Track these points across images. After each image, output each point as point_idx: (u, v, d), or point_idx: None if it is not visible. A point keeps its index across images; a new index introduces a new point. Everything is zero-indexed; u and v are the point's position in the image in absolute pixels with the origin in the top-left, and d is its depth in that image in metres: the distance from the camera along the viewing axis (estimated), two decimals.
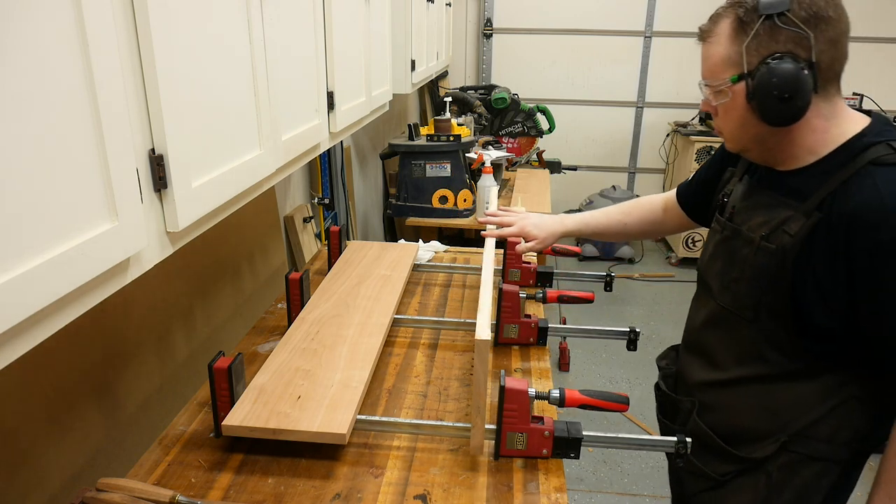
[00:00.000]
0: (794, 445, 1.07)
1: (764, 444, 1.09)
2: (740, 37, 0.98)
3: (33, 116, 0.60)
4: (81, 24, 0.64)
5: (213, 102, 0.95)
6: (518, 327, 1.53)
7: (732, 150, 1.12)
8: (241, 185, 1.05)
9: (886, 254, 0.92)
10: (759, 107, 0.97)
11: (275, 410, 1.17)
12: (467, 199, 2.94)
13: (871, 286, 0.95)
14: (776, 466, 1.08)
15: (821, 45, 0.94)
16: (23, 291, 0.59)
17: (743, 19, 0.97)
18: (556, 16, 5.12)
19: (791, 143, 1.02)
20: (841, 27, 0.96)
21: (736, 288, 1.11)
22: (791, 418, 1.07)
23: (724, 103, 1.03)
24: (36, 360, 1.08)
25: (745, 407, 1.12)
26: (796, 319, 1.03)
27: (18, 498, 1.04)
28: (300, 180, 2.54)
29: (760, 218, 1.07)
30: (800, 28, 0.93)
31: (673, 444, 1.14)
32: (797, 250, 0.99)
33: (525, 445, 1.14)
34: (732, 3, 1.01)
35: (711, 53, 1.03)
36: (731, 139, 1.09)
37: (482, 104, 4.05)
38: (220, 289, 1.79)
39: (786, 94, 0.93)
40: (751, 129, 1.02)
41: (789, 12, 0.93)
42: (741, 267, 1.09)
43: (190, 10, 0.85)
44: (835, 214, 0.96)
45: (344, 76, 1.62)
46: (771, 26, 0.94)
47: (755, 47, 0.96)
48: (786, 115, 0.96)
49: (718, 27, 1.02)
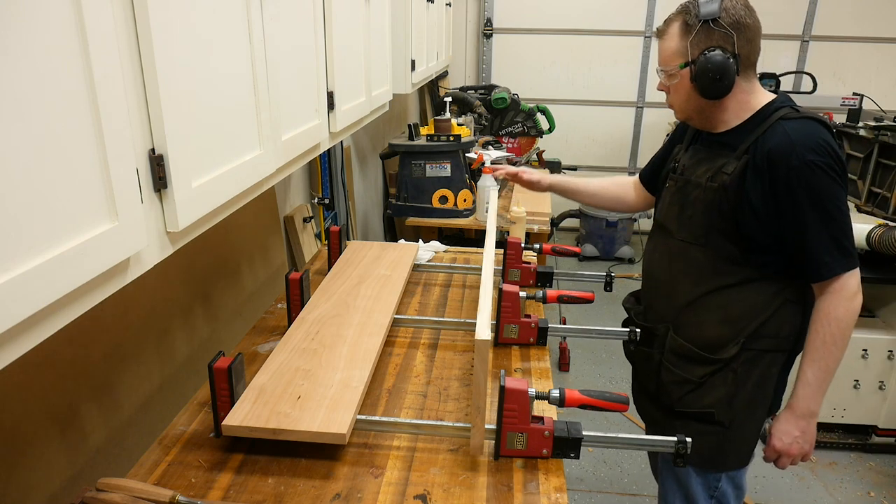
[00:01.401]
0: (751, 344, 1.37)
1: (728, 348, 1.38)
2: (686, 35, 1.33)
3: (33, 116, 0.60)
4: (81, 23, 0.64)
5: (214, 102, 0.95)
6: (518, 327, 1.53)
7: (681, 118, 1.47)
8: (241, 185, 1.05)
9: (797, 175, 1.26)
10: (699, 85, 1.33)
11: (275, 410, 1.17)
12: (467, 199, 2.94)
13: (789, 203, 1.28)
14: (739, 363, 1.39)
15: (741, 42, 1.30)
16: (23, 291, 0.59)
17: (688, 23, 1.33)
18: (556, 16, 5.12)
19: (723, 111, 1.38)
20: (755, 29, 1.32)
21: (690, 223, 1.43)
22: (746, 323, 1.37)
23: (674, 84, 1.39)
24: (36, 360, 1.08)
25: (710, 320, 1.40)
26: (740, 238, 1.34)
27: (18, 498, 1.04)
28: (300, 180, 2.54)
29: (704, 167, 1.40)
30: (726, 30, 1.29)
31: (673, 444, 1.15)
32: (734, 185, 1.32)
33: (525, 445, 1.14)
34: (680, 10, 1.36)
35: (666, 47, 1.38)
36: (680, 110, 1.44)
37: (482, 104, 4.05)
38: (220, 289, 1.79)
39: (717, 75, 1.29)
40: (693, 101, 1.38)
41: (720, 19, 1.29)
42: (693, 205, 1.41)
43: (190, 11, 0.85)
44: (758, 156, 1.30)
45: (344, 76, 1.62)
46: (707, 28, 1.30)
47: (696, 43, 1.32)
48: (718, 91, 1.32)
49: (671, 28, 1.37)
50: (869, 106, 4.49)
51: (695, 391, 1.42)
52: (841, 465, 2.77)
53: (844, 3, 4.93)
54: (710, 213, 1.37)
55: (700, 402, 1.41)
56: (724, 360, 1.38)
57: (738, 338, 1.37)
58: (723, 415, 1.39)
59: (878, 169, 2.79)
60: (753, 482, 2.66)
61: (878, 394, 2.75)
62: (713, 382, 1.40)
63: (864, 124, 2.93)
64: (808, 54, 5.08)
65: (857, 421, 2.82)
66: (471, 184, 2.96)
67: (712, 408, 1.40)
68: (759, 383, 1.39)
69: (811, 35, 5.03)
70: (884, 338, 2.70)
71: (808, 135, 1.27)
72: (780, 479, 2.69)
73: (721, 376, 1.39)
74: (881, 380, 2.73)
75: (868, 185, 2.83)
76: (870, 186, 2.83)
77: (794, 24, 5.02)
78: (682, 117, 1.46)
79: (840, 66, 5.07)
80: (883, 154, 2.76)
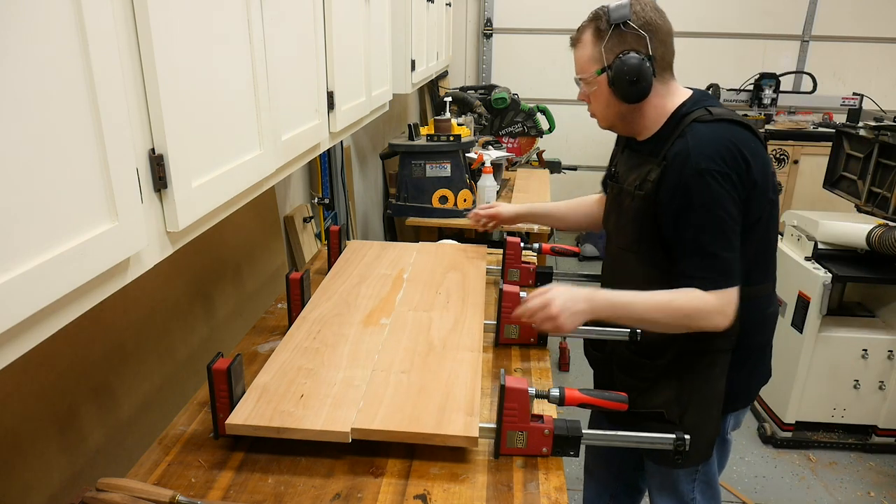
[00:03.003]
0: (687, 345, 1.38)
1: (666, 353, 1.41)
2: (599, 41, 1.34)
3: (33, 116, 0.60)
4: (81, 23, 0.64)
5: (214, 102, 0.95)
6: (519, 328, 1.53)
7: (604, 127, 1.47)
8: (241, 185, 1.05)
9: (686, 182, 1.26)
10: (617, 89, 1.33)
11: (278, 409, 1.17)
12: (467, 199, 2.94)
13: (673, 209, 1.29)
14: (681, 366, 1.41)
15: (654, 43, 1.30)
16: (23, 291, 0.59)
17: (600, 28, 1.33)
18: (556, 16, 5.12)
19: (643, 117, 1.38)
20: (667, 31, 1.34)
21: (624, 230, 1.45)
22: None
23: (593, 91, 1.39)
24: (36, 360, 1.08)
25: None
26: (665, 245, 1.34)
27: (18, 498, 1.05)
28: (300, 180, 2.54)
29: (634, 175, 1.41)
30: (638, 32, 1.29)
31: (671, 442, 1.16)
32: (654, 192, 1.33)
33: (525, 444, 1.15)
34: (591, 18, 1.37)
35: (581, 55, 1.39)
36: (602, 118, 1.44)
37: (482, 104, 4.04)
38: (220, 289, 1.79)
39: (634, 77, 1.29)
40: (613, 107, 1.38)
41: (630, 22, 1.29)
42: (626, 213, 1.43)
43: (190, 11, 0.86)
44: (668, 162, 1.30)
45: (344, 76, 1.62)
46: (619, 32, 1.31)
47: (610, 47, 1.32)
48: (636, 94, 1.32)
49: (584, 36, 1.38)
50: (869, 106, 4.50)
51: (644, 393, 1.44)
52: (841, 465, 2.77)
53: (844, 3, 4.93)
54: (639, 221, 1.38)
55: (650, 402, 1.43)
56: (664, 364, 1.41)
57: (674, 342, 1.38)
58: (672, 414, 1.41)
59: (878, 169, 2.79)
60: (753, 482, 2.66)
61: (878, 394, 2.75)
62: (659, 385, 1.43)
63: (864, 124, 2.93)
64: (808, 54, 5.08)
65: (857, 421, 2.82)
66: (471, 184, 2.96)
67: (661, 408, 1.42)
68: (704, 382, 1.41)
69: (811, 35, 5.03)
70: (884, 338, 2.70)
71: (711, 140, 1.26)
72: (780, 479, 2.69)
73: (665, 378, 1.42)
74: (881, 380, 2.73)
75: (868, 185, 2.83)
76: (870, 186, 2.82)
77: (794, 24, 5.02)
78: (605, 125, 1.46)
79: (840, 66, 5.07)
80: (883, 154, 2.76)
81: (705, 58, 5.07)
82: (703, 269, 1.28)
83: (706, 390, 1.42)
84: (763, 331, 1.47)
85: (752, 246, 1.33)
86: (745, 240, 1.30)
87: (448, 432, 1.12)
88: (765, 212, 1.32)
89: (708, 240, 1.26)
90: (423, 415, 1.16)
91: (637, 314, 1.32)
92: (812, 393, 2.79)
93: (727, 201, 1.25)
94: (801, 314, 2.72)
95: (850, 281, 2.75)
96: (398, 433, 1.13)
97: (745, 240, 1.30)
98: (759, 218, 1.32)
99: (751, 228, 1.31)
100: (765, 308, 1.45)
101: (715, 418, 1.44)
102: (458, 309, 1.60)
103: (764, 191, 1.30)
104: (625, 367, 1.49)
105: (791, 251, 2.86)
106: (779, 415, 2.88)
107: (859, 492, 2.61)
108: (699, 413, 1.42)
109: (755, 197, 1.28)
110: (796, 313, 2.74)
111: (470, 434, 1.12)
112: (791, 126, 4.59)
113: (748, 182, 1.26)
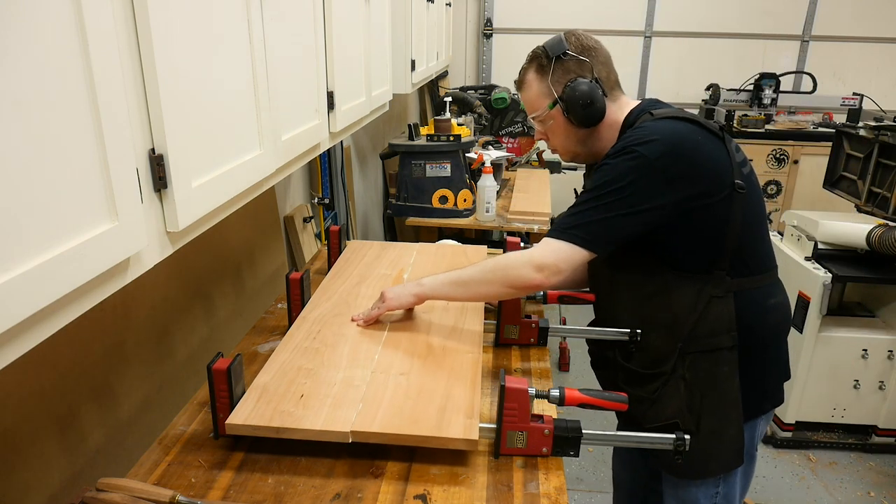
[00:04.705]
0: (689, 347, 1.34)
1: (669, 358, 1.36)
2: (544, 76, 1.38)
3: (33, 116, 0.60)
4: (81, 23, 0.64)
5: (214, 102, 0.95)
6: (518, 328, 1.53)
7: (567, 160, 1.50)
8: (241, 185, 1.05)
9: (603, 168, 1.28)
10: (573, 116, 1.36)
11: (278, 409, 1.17)
12: (467, 199, 2.94)
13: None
14: (686, 370, 1.35)
15: (597, 65, 1.36)
16: (23, 291, 0.59)
17: (542, 65, 1.38)
18: (556, 16, 5.12)
19: (601, 139, 1.41)
20: (604, 52, 1.39)
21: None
22: (679, 329, 1.34)
23: (549, 126, 1.42)
24: (36, 360, 1.08)
25: (647, 333, 1.39)
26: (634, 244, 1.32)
27: (18, 498, 1.05)
28: (300, 180, 2.54)
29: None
30: (578, 58, 1.35)
31: (671, 441, 1.16)
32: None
33: (525, 444, 1.15)
34: (530, 59, 1.42)
35: (529, 95, 1.43)
36: (564, 150, 1.47)
37: (482, 104, 4.05)
38: (220, 289, 1.79)
39: (588, 101, 1.33)
40: (572, 136, 1.41)
41: (568, 51, 1.35)
42: None
43: (190, 11, 0.86)
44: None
45: (344, 76, 1.62)
46: (561, 63, 1.36)
47: (557, 79, 1.37)
48: (593, 116, 1.35)
49: (528, 76, 1.42)
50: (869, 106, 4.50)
51: (653, 406, 1.38)
52: (841, 465, 2.77)
53: (844, 3, 4.93)
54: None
55: (662, 415, 1.37)
56: (667, 372, 1.36)
57: (675, 345, 1.35)
58: (687, 423, 1.35)
59: (878, 169, 2.80)
60: (754, 482, 2.65)
61: (878, 394, 2.75)
62: (668, 394, 1.37)
63: (864, 124, 2.93)
64: (808, 54, 5.08)
65: (857, 421, 2.83)
66: (471, 184, 2.96)
67: (675, 418, 1.36)
68: (713, 384, 1.35)
69: (811, 35, 5.03)
70: (884, 338, 2.70)
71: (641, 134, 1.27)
72: (780, 479, 2.69)
73: (672, 386, 1.36)
74: (881, 380, 2.73)
75: (868, 185, 2.83)
76: (870, 186, 2.83)
77: (794, 24, 5.02)
78: (568, 158, 1.48)
79: (840, 66, 5.07)
80: (883, 154, 2.76)
81: (705, 58, 5.07)
82: (557, 222, 1.31)
83: (717, 392, 1.35)
84: (765, 324, 1.42)
85: (723, 233, 1.30)
86: (706, 226, 1.29)
87: (448, 435, 1.12)
88: (724, 198, 1.28)
89: (583, 198, 1.29)
90: (423, 417, 1.16)
91: (461, 281, 1.39)
92: (812, 393, 2.79)
93: (628, 178, 1.24)
94: (801, 314, 2.72)
95: (850, 281, 2.75)
96: (397, 436, 1.13)
97: (706, 226, 1.29)
98: (713, 204, 1.28)
99: (706, 214, 1.28)
100: (763, 300, 1.40)
101: (735, 421, 1.37)
102: (457, 309, 1.60)
103: (716, 178, 1.27)
104: (630, 381, 1.43)
105: (791, 251, 2.86)
106: (779, 415, 2.88)
107: (859, 492, 2.61)
108: (715, 417, 1.35)
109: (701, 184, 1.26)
110: (796, 313, 2.74)
111: (470, 437, 1.12)
112: (791, 126, 4.60)
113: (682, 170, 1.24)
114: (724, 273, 1.32)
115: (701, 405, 1.35)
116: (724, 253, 1.31)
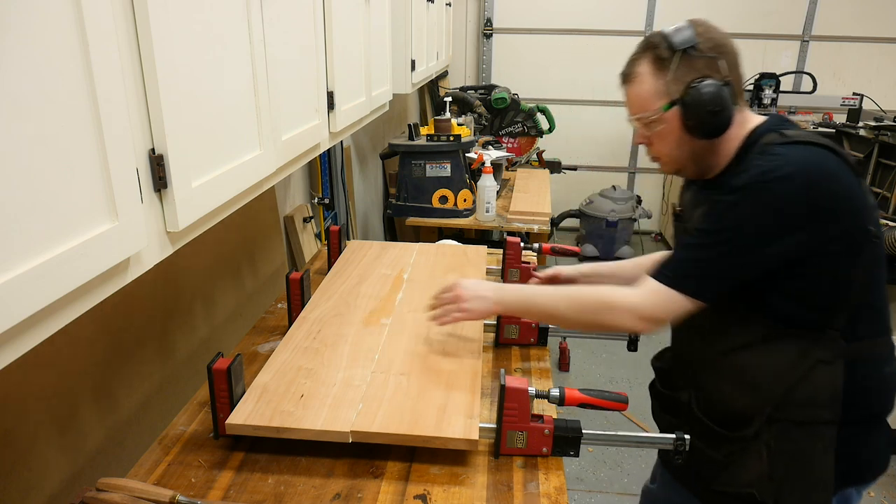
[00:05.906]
0: (779, 414, 1.14)
1: (754, 421, 1.16)
2: (662, 71, 1.14)
3: (33, 116, 0.60)
4: (81, 23, 0.64)
5: (214, 102, 0.95)
6: (518, 328, 1.53)
7: (669, 171, 1.27)
8: (241, 185, 1.05)
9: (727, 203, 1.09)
10: (694, 124, 1.12)
11: (278, 409, 1.17)
12: (467, 199, 2.94)
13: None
14: (771, 437, 1.15)
15: (731, 66, 1.13)
16: (23, 291, 0.59)
17: (661, 57, 1.14)
18: (556, 16, 5.13)
19: (716, 154, 1.18)
20: (735, 51, 1.16)
21: None
22: (769, 390, 1.15)
23: (659, 131, 1.18)
24: (36, 360, 1.08)
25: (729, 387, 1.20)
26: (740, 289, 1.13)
27: (18, 498, 1.05)
28: (300, 180, 2.54)
29: (699, 211, 1.20)
30: (709, 55, 1.12)
31: (671, 441, 1.16)
32: None
33: (525, 444, 1.15)
34: (646, 46, 1.17)
35: (638, 91, 1.18)
36: (669, 161, 1.23)
37: (482, 104, 4.05)
38: (220, 289, 1.79)
39: (717, 108, 1.10)
40: (686, 146, 1.17)
41: (698, 45, 1.11)
42: None
43: (190, 10, 0.86)
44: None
45: (344, 76, 1.62)
46: (687, 59, 1.12)
47: (678, 77, 1.13)
48: (718, 126, 1.12)
49: (639, 67, 1.17)
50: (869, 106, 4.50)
51: (729, 468, 1.20)
52: None
53: (844, 3, 4.93)
54: None
55: (738, 480, 1.18)
56: (750, 436, 1.16)
57: (764, 408, 1.15)
58: (765, 493, 1.15)
59: (878, 169, 2.80)
60: None
61: None
62: (746, 460, 1.17)
63: (864, 124, 2.93)
64: (808, 54, 5.08)
65: None
66: (471, 184, 2.96)
67: (751, 486, 1.17)
68: (802, 460, 1.15)
69: (811, 35, 5.03)
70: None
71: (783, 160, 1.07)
72: None
73: (754, 453, 1.17)
74: None
75: (868, 185, 2.83)
76: (870, 186, 2.83)
77: (794, 24, 5.02)
78: (672, 170, 1.25)
79: (840, 66, 5.08)
80: (883, 154, 2.76)
81: None
82: (666, 264, 1.14)
83: (806, 469, 1.15)
84: (881, 397, 1.20)
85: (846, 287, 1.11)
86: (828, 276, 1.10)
87: (448, 435, 1.12)
88: (855, 245, 1.09)
89: (704, 240, 1.12)
90: (423, 417, 1.16)
91: (541, 304, 1.25)
92: None
93: (760, 219, 1.07)
94: None
95: None
96: (397, 436, 1.13)
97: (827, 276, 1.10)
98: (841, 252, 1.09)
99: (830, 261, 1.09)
100: (881, 367, 1.19)
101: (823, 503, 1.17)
102: None
103: (850, 220, 1.08)
104: (704, 439, 1.22)
105: None
106: None
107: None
108: (798, 496, 1.15)
109: (837, 227, 1.07)
110: None
111: (470, 437, 1.12)
112: None
113: (819, 211, 1.06)
114: (838, 334, 1.12)
115: (784, 478, 1.15)
116: (843, 310, 1.11)
